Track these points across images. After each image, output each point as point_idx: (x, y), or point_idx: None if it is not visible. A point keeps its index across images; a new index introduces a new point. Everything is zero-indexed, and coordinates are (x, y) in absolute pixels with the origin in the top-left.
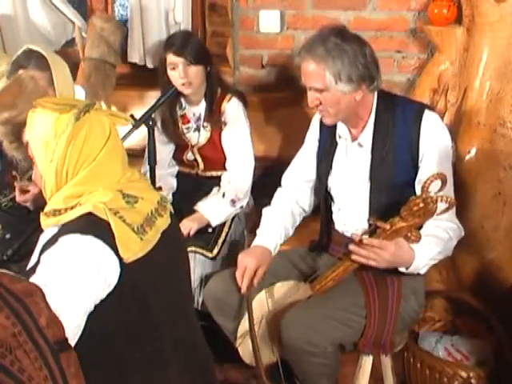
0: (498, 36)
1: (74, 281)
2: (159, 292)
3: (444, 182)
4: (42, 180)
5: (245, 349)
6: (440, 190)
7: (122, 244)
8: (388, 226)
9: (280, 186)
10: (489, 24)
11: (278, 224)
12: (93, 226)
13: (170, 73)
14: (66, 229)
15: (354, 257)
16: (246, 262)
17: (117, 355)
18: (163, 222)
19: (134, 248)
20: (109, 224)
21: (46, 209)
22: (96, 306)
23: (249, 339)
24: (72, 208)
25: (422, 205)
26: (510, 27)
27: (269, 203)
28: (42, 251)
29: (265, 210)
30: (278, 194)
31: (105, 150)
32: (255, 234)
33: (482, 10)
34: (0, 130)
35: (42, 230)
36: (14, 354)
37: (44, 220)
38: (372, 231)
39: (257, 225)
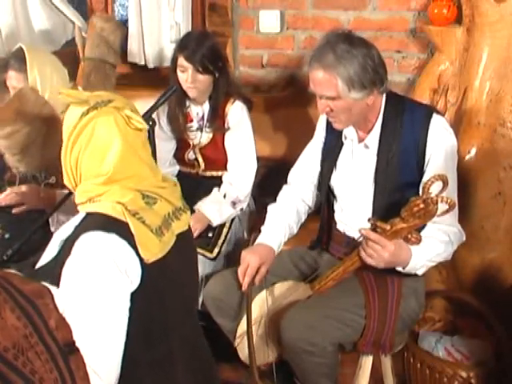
0: (498, 36)
1: (107, 279)
2: (174, 293)
3: (445, 184)
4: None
5: (243, 349)
6: (441, 191)
7: (142, 245)
8: (388, 227)
9: (286, 183)
10: (489, 24)
11: (282, 222)
12: (115, 224)
13: (179, 74)
14: (88, 225)
15: (362, 253)
16: (249, 259)
17: (134, 355)
18: (179, 225)
19: (154, 249)
20: (127, 224)
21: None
22: None
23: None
24: (91, 200)
25: (422, 206)
26: (510, 27)
27: (269, 203)
28: (63, 247)
29: (270, 207)
30: (284, 191)
31: (116, 147)
32: (255, 235)
33: (482, 10)
34: (3, 144)
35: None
36: (25, 356)
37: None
38: (372, 231)
39: (257, 225)
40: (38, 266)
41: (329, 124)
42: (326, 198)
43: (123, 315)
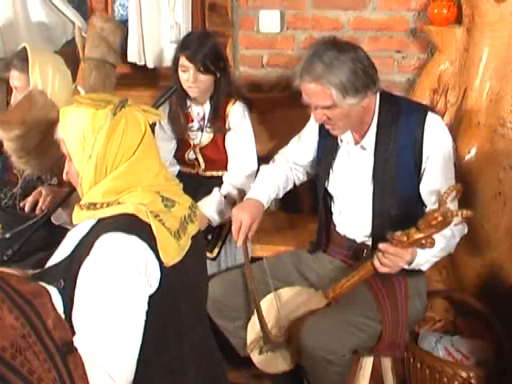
0: (498, 36)
1: (127, 282)
2: (188, 297)
3: (458, 193)
4: (78, 177)
5: (257, 356)
6: (454, 199)
7: (163, 248)
8: (405, 238)
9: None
10: (489, 24)
11: (272, 181)
12: (136, 226)
13: (180, 73)
14: (108, 226)
15: (376, 263)
16: (241, 217)
17: (146, 358)
18: (193, 228)
19: (173, 253)
20: (149, 226)
21: (82, 201)
22: None
23: (260, 345)
24: (109, 205)
25: (440, 218)
26: (510, 27)
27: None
28: (79, 246)
29: (263, 167)
30: (276, 158)
31: (142, 144)
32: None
33: (482, 10)
34: (10, 146)
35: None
36: (23, 356)
37: (77, 212)
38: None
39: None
40: (49, 263)
41: (322, 129)
42: (323, 199)
43: (141, 318)
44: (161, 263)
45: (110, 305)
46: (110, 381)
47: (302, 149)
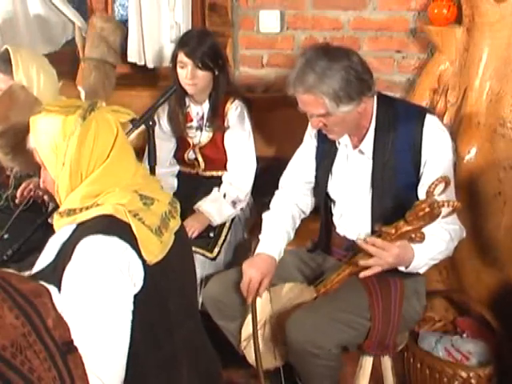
0: (498, 36)
1: (110, 283)
2: (175, 293)
3: (447, 185)
4: (54, 185)
5: (250, 352)
6: (443, 191)
7: (144, 246)
8: (393, 231)
9: (278, 188)
10: (489, 24)
11: (280, 229)
12: (115, 227)
13: (178, 70)
14: (88, 229)
15: (361, 262)
16: (251, 273)
17: (138, 357)
18: (175, 224)
19: (155, 250)
20: (129, 226)
21: (61, 209)
22: None
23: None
24: (88, 208)
25: (427, 209)
26: (510, 27)
27: (268, 203)
28: (61, 251)
29: (265, 215)
30: (277, 196)
31: (115, 145)
32: (255, 235)
33: (482, 10)
34: None
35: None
36: (24, 354)
37: (58, 220)
38: (377, 236)
39: (257, 225)
40: (34, 270)
41: (320, 133)
42: (323, 202)
43: (127, 319)
44: (144, 262)
45: (95, 307)
46: (99, 382)
47: (303, 166)
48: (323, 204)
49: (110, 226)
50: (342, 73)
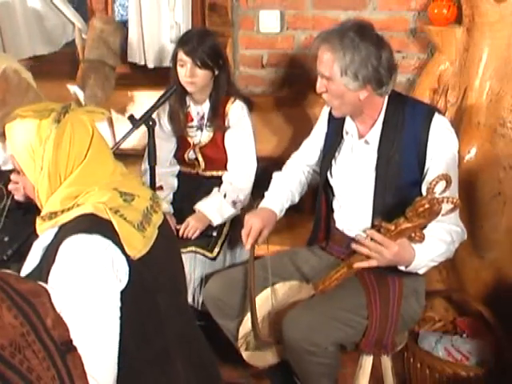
0: (498, 36)
1: (96, 282)
2: (163, 287)
3: (449, 183)
4: (34, 189)
5: (247, 350)
6: (444, 190)
7: (127, 242)
8: (393, 227)
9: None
10: (489, 24)
11: (285, 189)
12: (96, 225)
13: (178, 69)
14: (69, 230)
15: (356, 264)
16: (252, 222)
17: (130, 353)
18: (158, 218)
19: (138, 245)
20: (111, 223)
21: (42, 213)
22: None
23: (250, 340)
24: (69, 209)
25: (427, 206)
26: (510, 27)
27: None
28: (45, 254)
29: (275, 174)
30: (290, 162)
31: (92, 146)
32: (259, 201)
33: (482, 10)
34: None
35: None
36: (23, 354)
37: (40, 224)
38: (376, 231)
39: None
40: (21, 275)
41: (331, 116)
42: (323, 193)
43: (115, 316)
44: (127, 257)
45: (81, 306)
46: (92, 381)
47: (312, 147)
48: (323, 196)
49: (91, 224)
50: (363, 54)
